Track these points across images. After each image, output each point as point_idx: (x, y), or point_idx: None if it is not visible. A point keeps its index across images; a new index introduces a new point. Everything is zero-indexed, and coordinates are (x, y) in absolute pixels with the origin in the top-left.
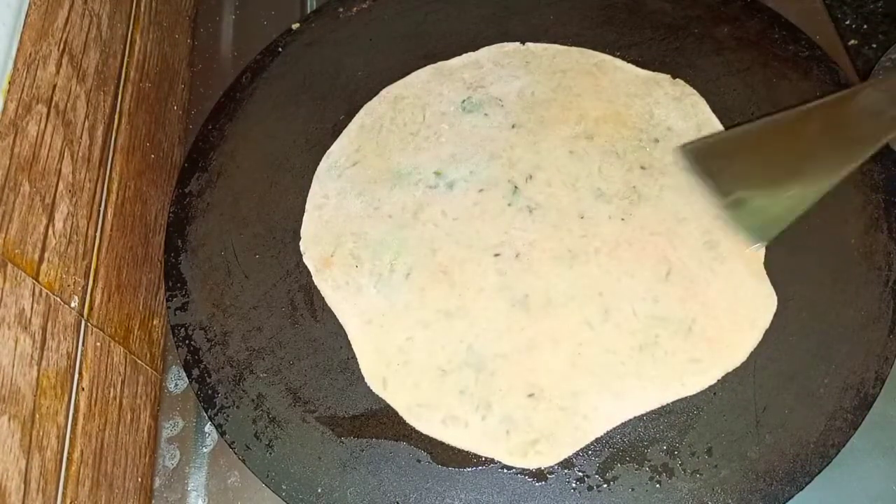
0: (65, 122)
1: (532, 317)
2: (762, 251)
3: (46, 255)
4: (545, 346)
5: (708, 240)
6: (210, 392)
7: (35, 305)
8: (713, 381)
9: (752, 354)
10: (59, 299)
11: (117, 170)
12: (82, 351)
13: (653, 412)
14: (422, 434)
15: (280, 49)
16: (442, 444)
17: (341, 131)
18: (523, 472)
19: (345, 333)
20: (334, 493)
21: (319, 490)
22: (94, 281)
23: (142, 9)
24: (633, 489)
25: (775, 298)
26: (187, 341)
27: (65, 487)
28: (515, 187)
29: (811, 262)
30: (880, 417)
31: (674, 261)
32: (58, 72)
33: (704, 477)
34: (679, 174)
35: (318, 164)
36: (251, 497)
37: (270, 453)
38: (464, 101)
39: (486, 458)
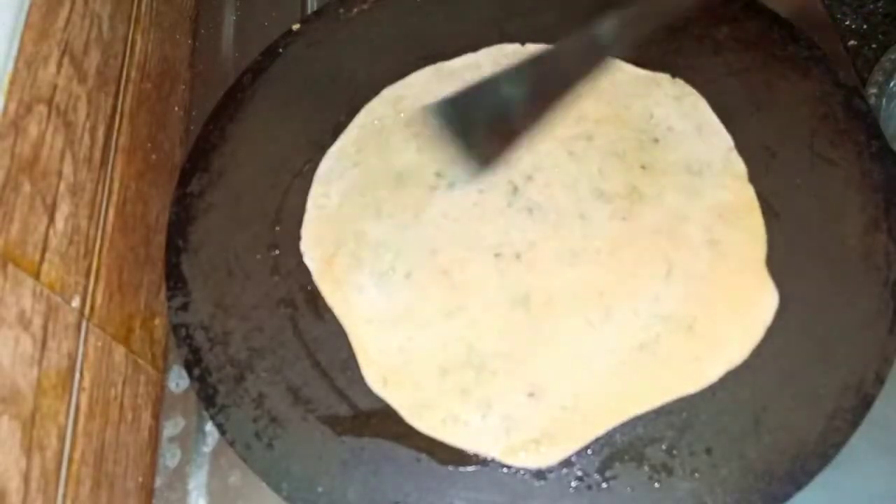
0: (66, 123)
1: (533, 317)
2: (763, 250)
3: (47, 255)
4: (546, 345)
5: (709, 238)
6: (211, 391)
7: (36, 305)
8: (714, 380)
9: (751, 354)
10: (60, 299)
11: (118, 170)
12: (83, 351)
13: (652, 411)
14: (422, 433)
15: (281, 50)
16: (442, 443)
17: (342, 132)
18: (523, 471)
19: (345, 333)
20: (335, 491)
21: (320, 489)
22: (95, 281)
23: (143, 10)
24: (632, 488)
25: (777, 296)
26: (188, 341)
27: (65, 487)
28: (515, 188)
29: (811, 261)
30: (880, 417)
31: (674, 260)
32: (58, 72)
33: (704, 476)
34: (680, 173)
35: (319, 164)
36: (252, 496)
37: (271, 452)
38: None
39: (486, 457)
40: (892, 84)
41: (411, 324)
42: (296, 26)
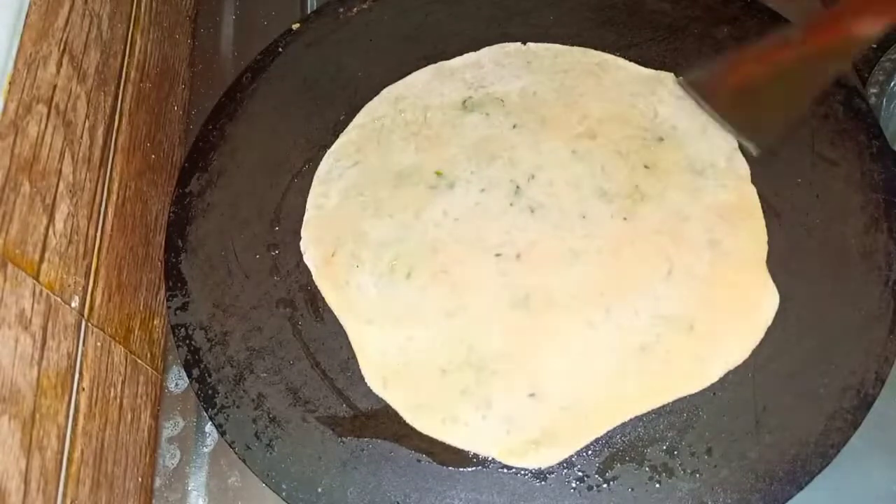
0: (65, 123)
1: (533, 316)
2: (764, 250)
3: (47, 255)
4: (546, 345)
5: (710, 238)
6: (210, 392)
7: (35, 305)
8: (715, 380)
9: (751, 354)
10: (59, 299)
11: (118, 170)
12: (83, 351)
13: (653, 412)
14: (422, 434)
15: (280, 49)
16: (442, 443)
17: (342, 131)
18: (523, 471)
19: (345, 333)
20: (334, 492)
21: (320, 490)
22: (94, 281)
23: (142, 9)
24: (632, 489)
25: (777, 296)
26: (187, 341)
27: (65, 487)
28: (517, 187)
29: (811, 261)
30: (880, 417)
31: (675, 259)
32: (58, 72)
33: (704, 477)
34: (682, 173)
35: (319, 164)
36: (251, 497)
37: (271, 453)
38: (465, 100)
39: (486, 457)
40: (892, 84)
41: (411, 324)
42: (295, 25)
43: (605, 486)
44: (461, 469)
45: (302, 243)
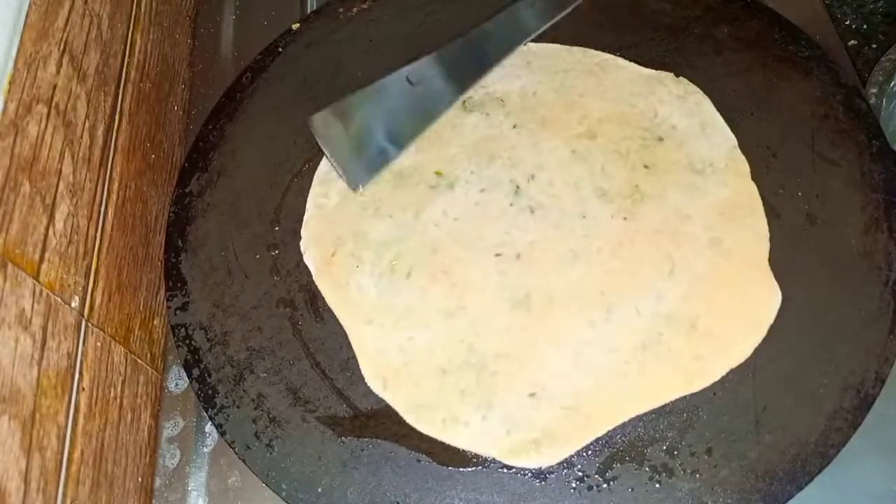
0: (65, 123)
1: (533, 316)
2: (766, 247)
3: (47, 255)
4: (547, 345)
5: (712, 237)
6: (210, 392)
7: (35, 305)
8: (716, 379)
9: (752, 354)
10: (59, 299)
11: (118, 170)
12: (83, 351)
13: (653, 412)
14: (422, 434)
15: (280, 49)
16: (442, 443)
17: None
18: (523, 471)
19: (345, 333)
20: (334, 492)
21: (319, 490)
22: (94, 281)
23: (142, 9)
24: (632, 489)
25: (780, 295)
26: (187, 341)
27: (65, 487)
28: (517, 187)
29: (811, 261)
30: (880, 417)
31: (677, 258)
32: (58, 72)
33: (704, 477)
34: (682, 172)
35: (319, 164)
36: (251, 497)
37: (271, 453)
38: (465, 100)
39: (486, 457)
40: (892, 84)
41: (411, 324)
42: (295, 25)
43: (605, 486)
44: (461, 469)
45: (302, 243)
